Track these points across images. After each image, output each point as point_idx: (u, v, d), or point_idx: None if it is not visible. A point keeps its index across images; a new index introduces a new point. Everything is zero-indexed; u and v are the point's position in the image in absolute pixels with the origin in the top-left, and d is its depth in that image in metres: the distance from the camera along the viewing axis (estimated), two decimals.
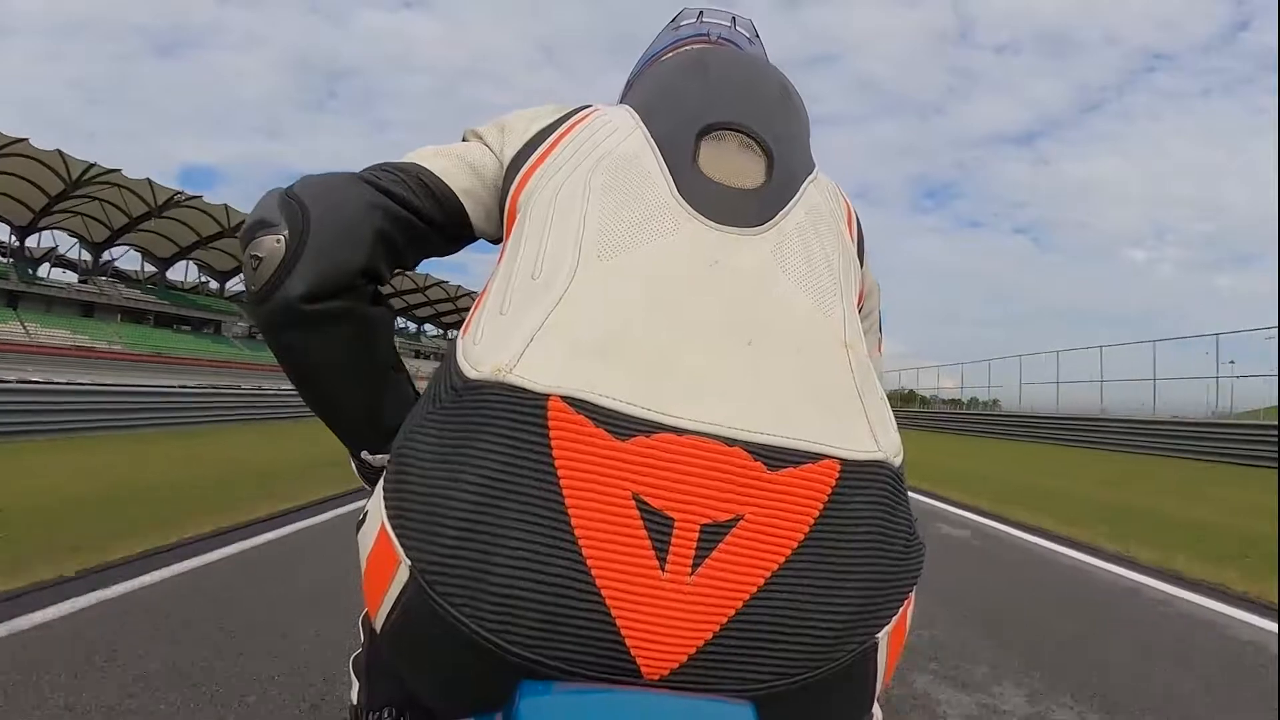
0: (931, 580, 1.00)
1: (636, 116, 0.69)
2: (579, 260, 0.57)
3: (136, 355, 42.39)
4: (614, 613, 0.46)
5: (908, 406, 29.97)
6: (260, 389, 16.67)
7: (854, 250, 0.71)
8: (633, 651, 0.46)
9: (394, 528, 0.50)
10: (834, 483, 0.51)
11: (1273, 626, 3.14)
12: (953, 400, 29.13)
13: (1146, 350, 17.52)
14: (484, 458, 0.49)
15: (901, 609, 0.54)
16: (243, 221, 0.64)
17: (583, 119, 0.71)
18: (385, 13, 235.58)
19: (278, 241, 0.58)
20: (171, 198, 42.36)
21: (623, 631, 0.46)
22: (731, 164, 0.65)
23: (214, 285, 56.77)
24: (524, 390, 0.50)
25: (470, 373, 0.52)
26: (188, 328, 52.36)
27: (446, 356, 0.58)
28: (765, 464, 0.49)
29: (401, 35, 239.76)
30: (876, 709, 0.67)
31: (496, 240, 0.73)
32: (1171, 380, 16.50)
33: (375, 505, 0.54)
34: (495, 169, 0.72)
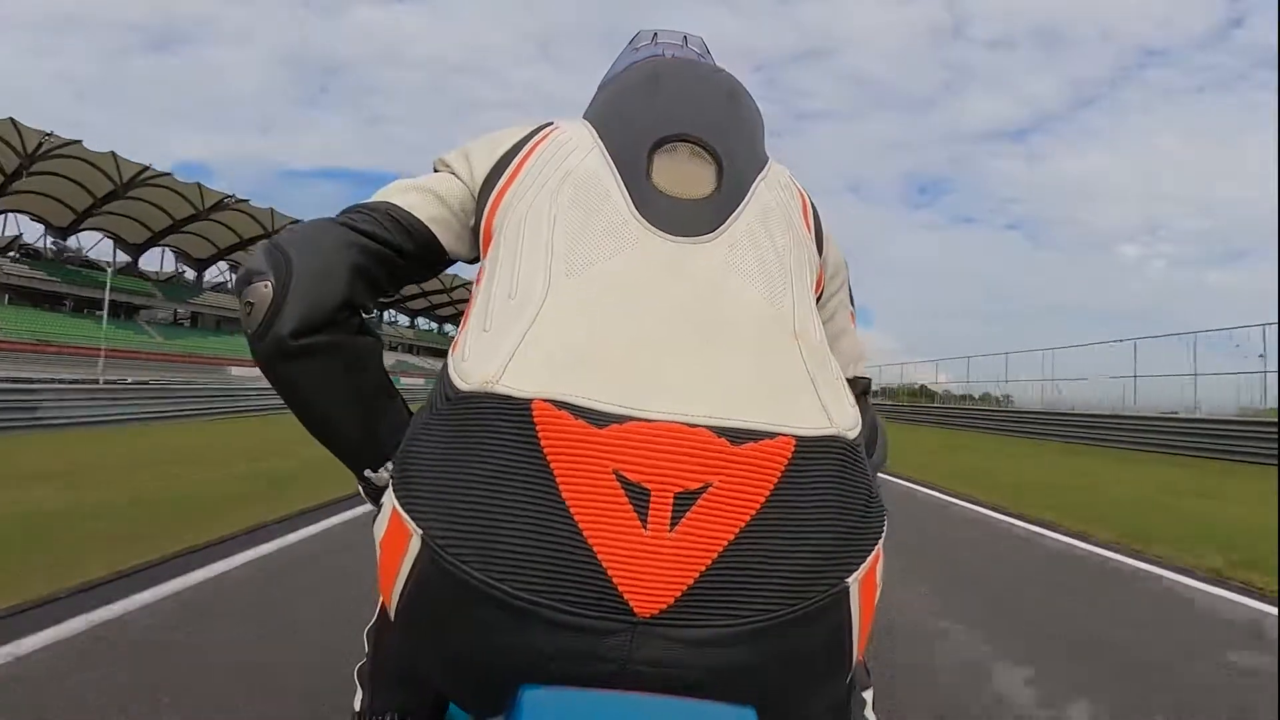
0: None
1: (595, 133, 0.75)
2: (549, 280, 0.63)
3: (13, 344, 35.53)
4: (605, 564, 0.51)
5: (918, 401, 29.60)
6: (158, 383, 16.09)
7: (810, 239, 0.76)
8: (625, 595, 0.51)
9: (404, 506, 0.56)
10: (790, 455, 0.56)
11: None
12: (963, 396, 28.97)
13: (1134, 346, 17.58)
14: (481, 451, 0.55)
15: (869, 561, 0.58)
16: (220, 201, 1.40)
17: (544, 137, 0.76)
18: (377, 7, 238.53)
19: (265, 287, 0.64)
20: (138, 175, 40.30)
21: (614, 579, 0.51)
22: (683, 175, 0.71)
23: (190, 274, 55.31)
24: (510, 397, 0.55)
25: (461, 385, 0.58)
26: (99, 311, 41.69)
27: (439, 373, 0.64)
28: (729, 440, 0.55)
29: (393, 29, 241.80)
30: (872, 716, 0.76)
31: (471, 260, 0.80)
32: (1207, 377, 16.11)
33: (387, 498, 0.60)
34: (463, 195, 0.77)
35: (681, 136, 0.73)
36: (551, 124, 0.79)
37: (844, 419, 0.62)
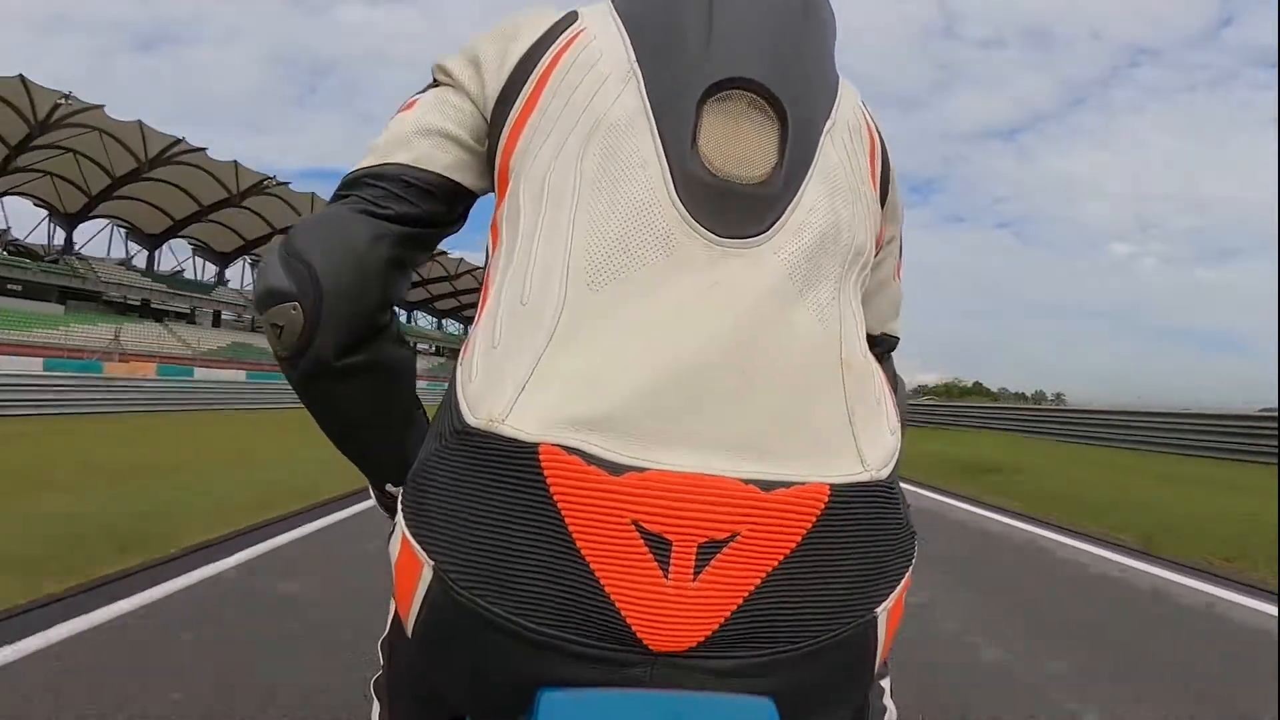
0: None
1: (630, 49, 0.60)
2: (565, 292, 0.55)
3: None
4: (624, 613, 0.49)
5: (970, 399, 25.22)
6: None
7: (875, 197, 0.67)
8: (643, 638, 0.49)
9: (414, 537, 0.53)
10: (825, 503, 0.53)
11: None
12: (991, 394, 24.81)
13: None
14: (490, 491, 0.51)
15: (898, 590, 0.57)
16: (259, 183, 1.09)
17: (568, 43, 0.62)
18: (365, 5, 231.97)
19: (294, 310, 0.58)
20: (166, 150, 34.26)
21: (632, 625, 0.49)
22: (737, 143, 0.58)
23: (211, 270, 49.39)
24: (515, 441, 0.51)
25: (469, 419, 0.53)
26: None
27: (449, 386, 0.58)
28: (759, 487, 0.51)
29: (381, 28, 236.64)
30: (890, 704, 0.76)
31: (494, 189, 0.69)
32: None
33: (399, 520, 0.57)
34: (475, 119, 0.66)
35: (742, 82, 0.58)
36: (575, 19, 0.65)
37: (877, 458, 0.57)
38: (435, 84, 0.69)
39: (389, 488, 0.72)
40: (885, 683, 0.78)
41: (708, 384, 0.53)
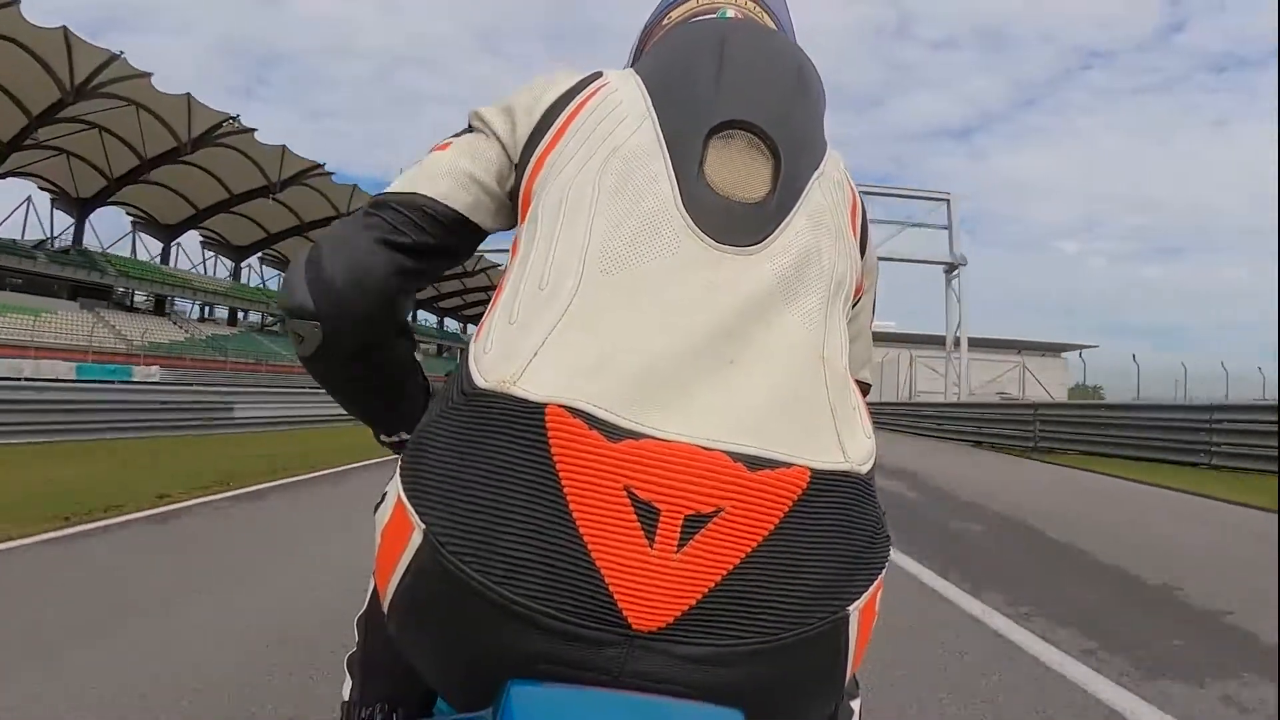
0: None
1: (648, 98, 0.69)
2: (583, 274, 0.60)
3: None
4: (606, 578, 0.50)
5: (1016, 409, 17.63)
6: None
7: (855, 244, 0.74)
8: (623, 610, 0.50)
9: (410, 499, 0.55)
10: (804, 486, 0.55)
11: None
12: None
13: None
14: (490, 452, 0.53)
15: (870, 591, 0.58)
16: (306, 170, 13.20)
17: (593, 93, 0.71)
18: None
19: (315, 327, 0.66)
20: (212, 129, 30.26)
21: (614, 593, 0.50)
22: (737, 170, 0.66)
23: (227, 266, 44.60)
24: (524, 400, 0.54)
25: (480, 381, 0.57)
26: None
27: (461, 359, 0.62)
28: (745, 465, 0.54)
29: (338, 20, 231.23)
30: (857, 705, 0.77)
31: (509, 228, 0.76)
32: None
33: (392, 485, 0.60)
34: (501, 163, 0.74)
35: (743, 124, 0.68)
36: (600, 76, 0.74)
37: (858, 453, 0.61)
38: (470, 129, 0.77)
39: (383, 437, 0.86)
40: (855, 704, 0.78)
41: (703, 366, 0.57)
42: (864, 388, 0.84)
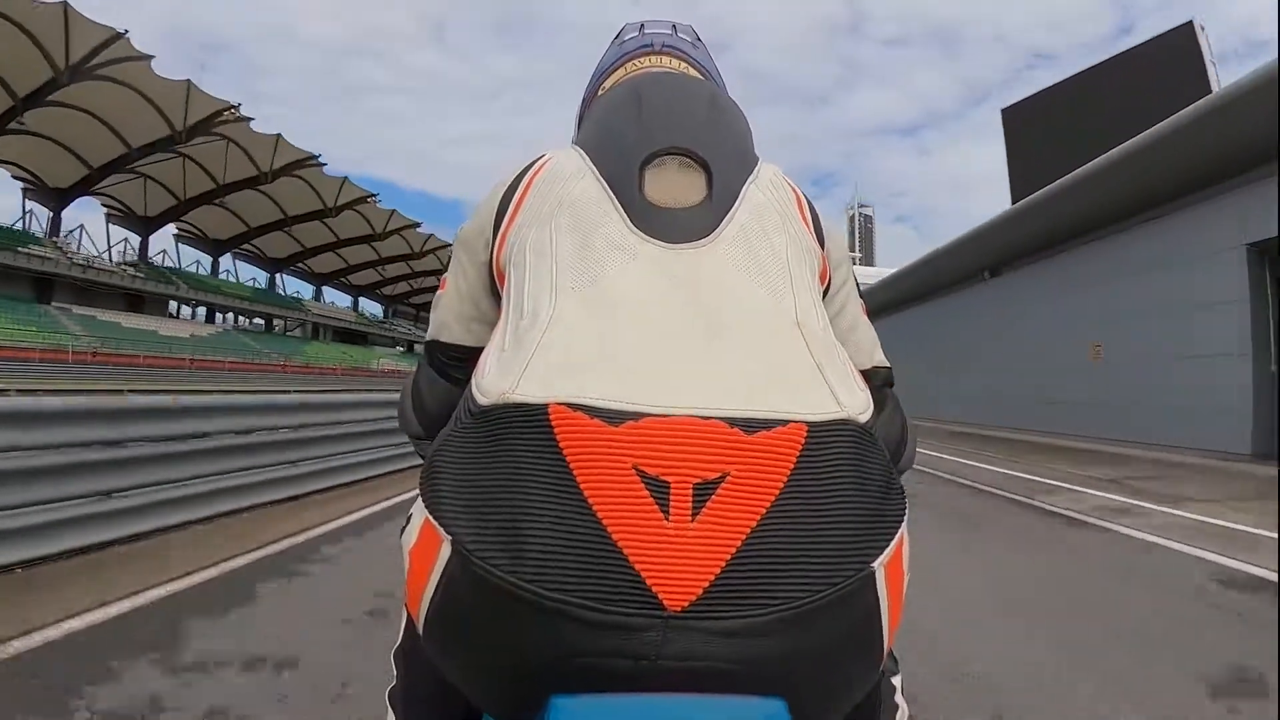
0: None
1: (586, 158, 0.77)
2: (555, 296, 0.66)
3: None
4: (630, 557, 0.52)
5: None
6: None
7: (809, 233, 0.77)
8: (654, 587, 0.51)
9: (433, 514, 0.58)
10: (804, 440, 0.57)
11: None
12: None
13: None
14: (503, 456, 0.56)
15: (894, 546, 0.58)
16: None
17: (540, 169, 0.79)
18: None
19: (420, 441, 0.91)
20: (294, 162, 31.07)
21: (641, 572, 0.52)
22: (674, 186, 0.73)
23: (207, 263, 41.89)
24: (526, 404, 0.57)
25: (482, 399, 0.61)
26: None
27: (464, 392, 0.66)
28: (742, 429, 0.56)
29: (282, 7, 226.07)
30: (902, 703, 0.82)
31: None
32: None
33: (416, 508, 0.62)
34: (481, 268, 0.81)
35: (669, 150, 0.75)
36: (545, 156, 0.82)
37: (854, 403, 0.63)
38: (453, 258, 0.85)
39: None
40: (896, 680, 0.83)
41: (685, 346, 0.61)
42: (884, 373, 0.87)
